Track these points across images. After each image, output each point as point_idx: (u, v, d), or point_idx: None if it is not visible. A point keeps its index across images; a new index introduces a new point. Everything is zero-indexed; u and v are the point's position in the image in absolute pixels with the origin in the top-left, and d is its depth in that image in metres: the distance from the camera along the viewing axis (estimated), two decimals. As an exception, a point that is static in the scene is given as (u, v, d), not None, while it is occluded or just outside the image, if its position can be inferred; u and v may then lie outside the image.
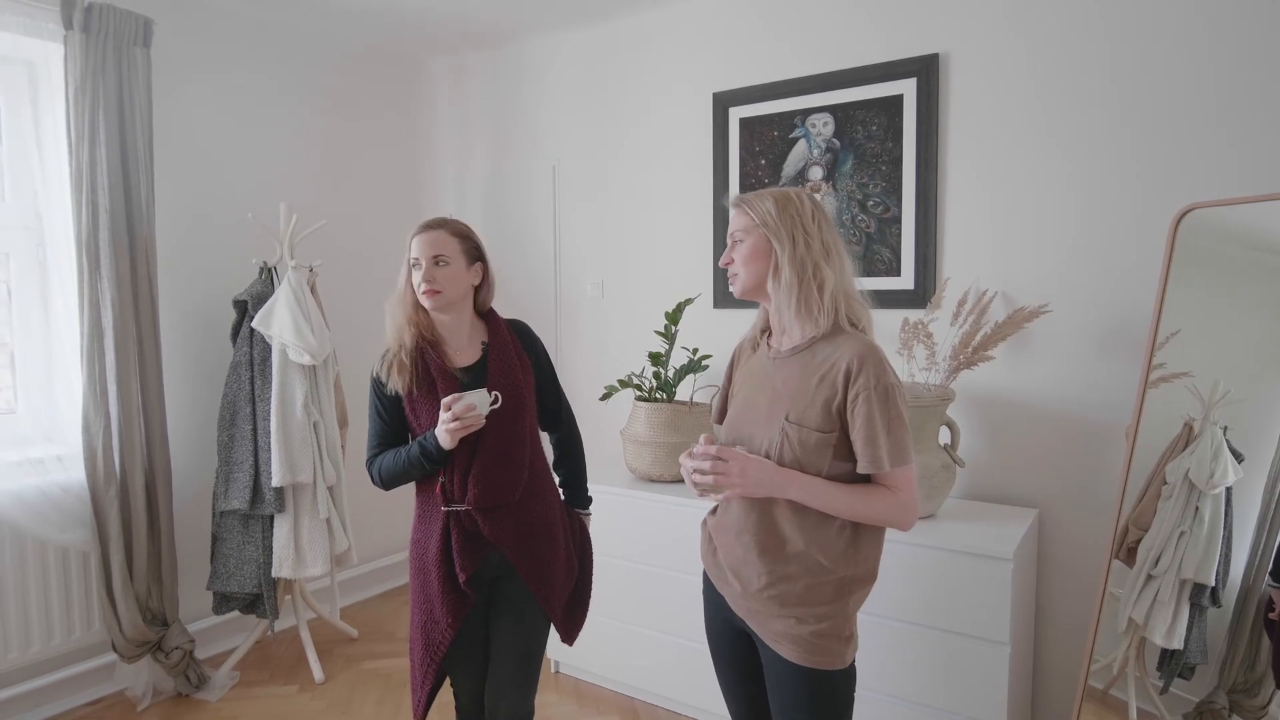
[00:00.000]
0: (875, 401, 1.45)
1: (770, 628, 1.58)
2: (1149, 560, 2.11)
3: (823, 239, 1.54)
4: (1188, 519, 2.07)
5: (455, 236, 1.86)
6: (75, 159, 2.70)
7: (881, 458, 1.46)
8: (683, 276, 3.32)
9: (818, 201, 1.60)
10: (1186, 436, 2.11)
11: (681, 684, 2.77)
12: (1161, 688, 2.07)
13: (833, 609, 1.54)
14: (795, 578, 1.54)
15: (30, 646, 2.72)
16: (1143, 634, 2.10)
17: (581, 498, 2.13)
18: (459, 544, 1.82)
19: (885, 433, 1.46)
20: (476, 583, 1.88)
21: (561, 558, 1.96)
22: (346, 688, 3.06)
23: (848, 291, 1.57)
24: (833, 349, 1.52)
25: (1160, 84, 2.35)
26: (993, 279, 2.63)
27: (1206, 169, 2.29)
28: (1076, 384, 2.52)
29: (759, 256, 1.57)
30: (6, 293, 2.80)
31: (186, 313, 3.19)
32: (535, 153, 3.75)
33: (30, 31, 2.66)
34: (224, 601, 3.06)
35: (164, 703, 2.92)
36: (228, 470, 3.01)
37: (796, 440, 1.51)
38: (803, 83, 2.95)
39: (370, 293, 3.83)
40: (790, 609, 1.54)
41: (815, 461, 1.50)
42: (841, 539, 1.53)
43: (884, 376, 1.47)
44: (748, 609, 1.62)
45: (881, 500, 1.50)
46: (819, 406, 1.50)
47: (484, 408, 1.76)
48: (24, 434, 2.76)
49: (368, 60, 3.87)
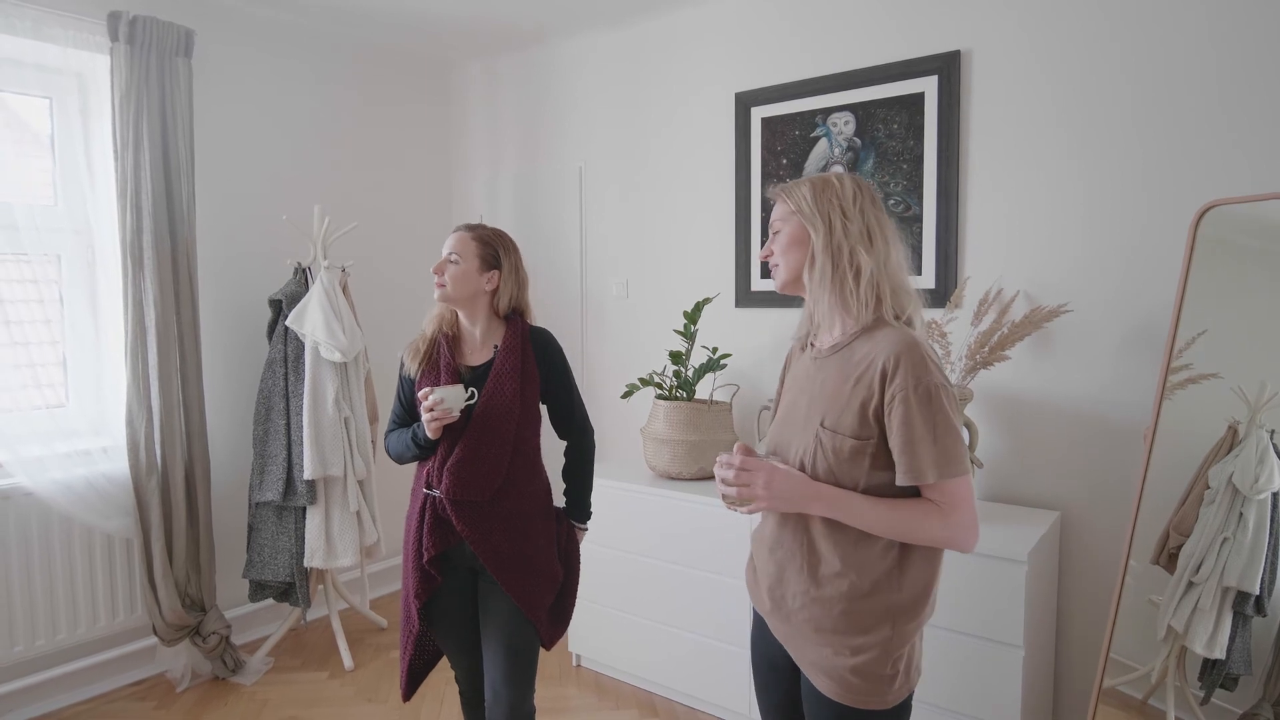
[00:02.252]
0: (915, 404, 1.29)
1: (806, 656, 1.44)
2: (1190, 567, 2.05)
3: (865, 223, 1.40)
4: (1231, 525, 2.01)
5: (476, 240, 1.96)
6: (121, 165, 2.84)
7: (923, 468, 1.30)
8: (706, 275, 3.34)
9: (864, 184, 1.46)
10: (1230, 440, 2.06)
11: (699, 680, 2.80)
12: (1203, 698, 2.02)
13: (874, 639, 1.36)
14: (832, 602, 1.38)
15: (77, 628, 2.86)
16: (1183, 643, 2.05)
17: (580, 511, 2.14)
18: (429, 526, 1.91)
19: (930, 439, 1.29)
20: (453, 568, 1.97)
21: (540, 561, 1.96)
22: (375, 675, 3.15)
23: (894, 281, 1.41)
24: (871, 346, 1.37)
25: (1181, 81, 2.30)
26: (1014, 278, 2.60)
27: (1228, 166, 2.24)
28: (1100, 385, 2.47)
29: (797, 245, 1.45)
30: (58, 294, 2.94)
31: (225, 311, 3.32)
32: (562, 154, 3.80)
33: (79, 44, 2.80)
34: (259, 589, 3.18)
35: (202, 685, 3.05)
36: (262, 463, 3.12)
37: (830, 448, 1.37)
38: (824, 82, 2.94)
39: (400, 292, 3.93)
40: (826, 636, 1.39)
41: (850, 471, 1.36)
42: (886, 560, 1.37)
43: (926, 376, 1.30)
44: (784, 633, 1.48)
45: (926, 517, 1.32)
46: (855, 410, 1.35)
47: (456, 403, 1.83)
48: (73, 427, 2.89)
49: (400, 65, 3.97)
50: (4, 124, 2.78)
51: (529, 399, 1.96)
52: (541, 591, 1.96)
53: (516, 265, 2.01)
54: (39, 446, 2.74)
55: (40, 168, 2.90)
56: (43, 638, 2.78)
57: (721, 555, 2.69)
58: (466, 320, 1.99)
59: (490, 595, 1.95)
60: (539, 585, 1.96)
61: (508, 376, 1.92)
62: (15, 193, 2.75)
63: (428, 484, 1.93)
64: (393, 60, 3.93)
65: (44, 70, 2.80)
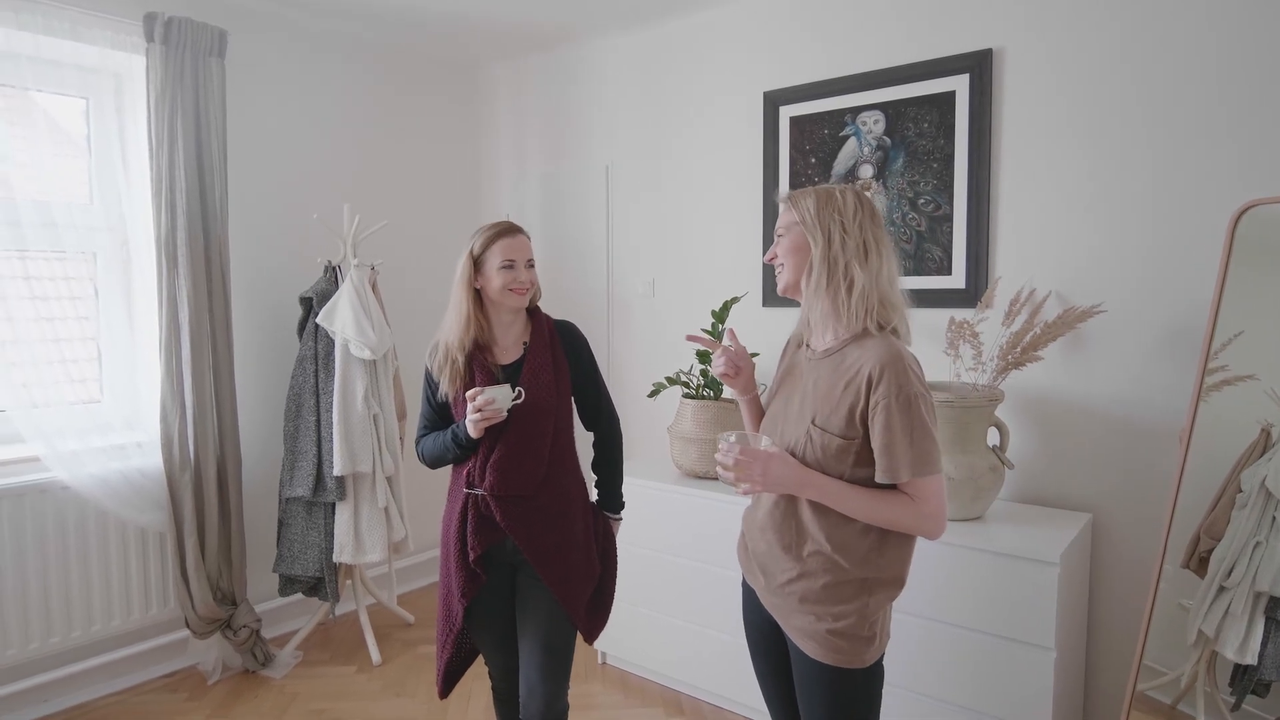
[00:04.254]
0: (895, 411, 1.44)
1: (792, 623, 1.60)
2: (1221, 571, 2.03)
3: (862, 238, 1.52)
4: (1264, 529, 1.99)
5: (528, 241, 1.98)
6: (156, 164, 2.88)
7: (898, 468, 1.45)
8: (733, 275, 3.34)
9: (865, 199, 1.57)
10: (1264, 443, 2.03)
11: (724, 678, 2.80)
12: (1233, 704, 2.00)
13: (853, 608, 1.53)
14: (815, 575, 1.55)
15: (111, 620, 2.91)
16: (1214, 648, 2.03)
17: (612, 501, 2.15)
18: (473, 525, 1.92)
19: (907, 442, 1.44)
20: (494, 565, 1.97)
21: (579, 556, 1.98)
22: (402, 670, 3.17)
23: (882, 294, 1.53)
24: (861, 353, 1.51)
25: (1216, 78, 2.27)
26: (1046, 278, 2.58)
27: (1267, 165, 2.20)
28: (1134, 386, 2.45)
29: (798, 252, 1.57)
30: (94, 290, 2.99)
31: (256, 309, 3.35)
32: (589, 153, 3.81)
33: (116, 45, 2.84)
34: (289, 584, 3.22)
35: (232, 678, 3.08)
36: (293, 459, 3.16)
37: (819, 444, 1.52)
38: (853, 80, 2.93)
39: (429, 290, 3.95)
40: (810, 606, 1.56)
41: (836, 466, 1.51)
42: (865, 541, 1.53)
43: (906, 386, 1.44)
44: (772, 603, 1.64)
45: (902, 508, 1.48)
46: (843, 413, 1.50)
47: (505, 403, 1.84)
48: (108, 422, 2.94)
49: (428, 66, 4.00)
50: (43, 124, 2.83)
51: (563, 392, 1.98)
52: (579, 585, 1.97)
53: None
54: (75, 441, 2.78)
55: (77, 167, 2.95)
56: (78, 629, 2.83)
57: (749, 554, 2.69)
58: (507, 319, 1.97)
59: (529, 591, 1.96)
60: (578, 578, 1.97)
61: (542, 371, 1.93)
62: (53, 191, 2.79)
63: (469, 482, 1.92)
64: (421, 61, 3.96)
65: (82, 70, 2.85)
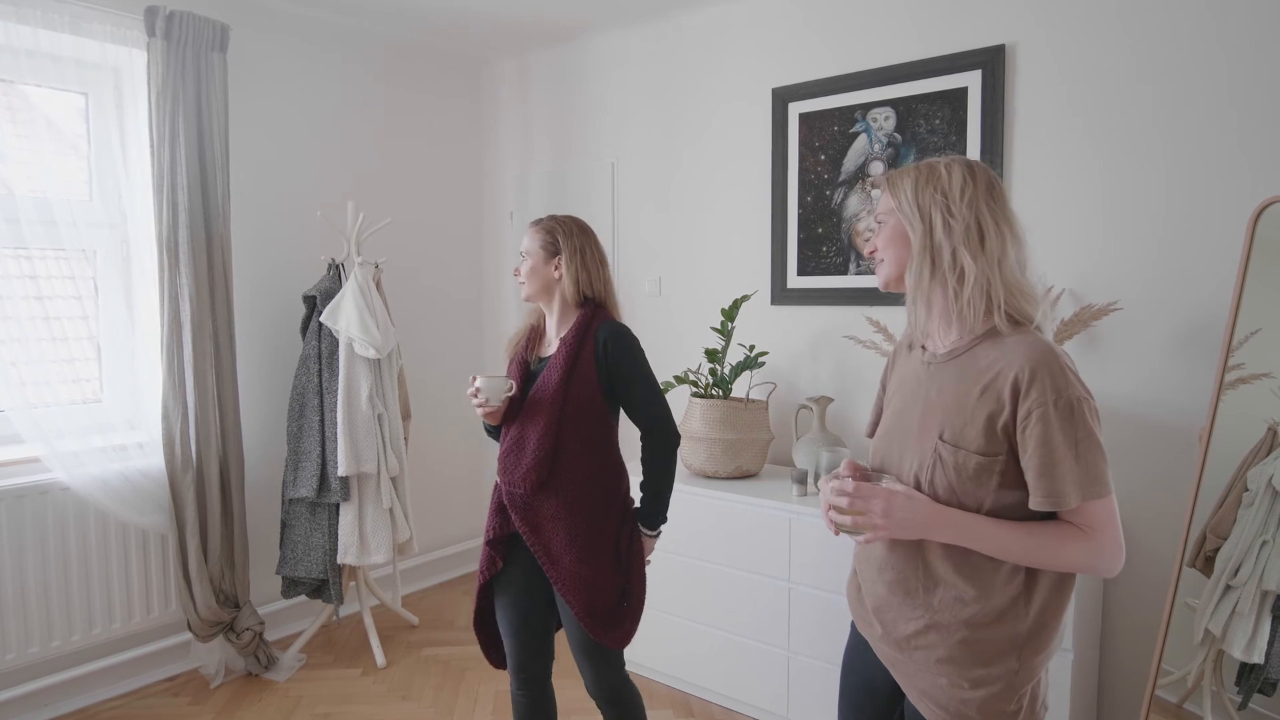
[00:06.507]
0: (1055, 420, 1.17)
1: (916, 684, 1.33)
2: (1228, 570, 2.03)
3: (974, 218, 1.26)
4: (1270, 528, 1.99)
5: (540, 232, 2.01)
6: (157, 160, 2.83)
7: (1064, 491, 1.18)
8: (741, 273, 3.31)
9: (980, 170, 1.30)
10: (1270, 441, 2.03)
11: (735, 680, 2.77)
12: (1240, 703, 1.99)
13: (998, 672, 1.25)
14: (950, 629, 1.27)
15: (113, 623, 2.87)
16: (1220, 646, 2.02)
17: (648, 516, 2.01)
18: (493, 508, 2.02)
19: (1072, 458, 1.18)
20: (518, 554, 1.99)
21: (593, 561, 1.89)
22: (407, 672, 3.14)
23: (1009, 283, 1.27)
24: (999, 353, 1.25)
25: (1229, 76, 2.25)
26: (1060, 276, 2.56)
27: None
28: (1149, 384, 2.43)
29: (897, 242, 1.34)
30: (94, 288, 2.95)
31: (259, 307, 3.32)
32: (595, 150, 3.78)
33: (117, 40, 2.80)
34: (292, 586, 3.18)
35: (235, 681, 3.05)
36: (296, 459, 3.12)
37: (952, 464, 1.25)
38: (863, 76, 2.91)
39: (434, 288, 3.92)
40: (943, 667, 1.28)
41: (974, 490, 1.24)
42: (1012, 585, 1.25)
43: (1066, 389, 1.18)
44: (891, 657, 1.37)
45: (1071, 543, 1.20)
46: (980, 424, 1.23)
47: (495, 395, 1.89)
48: (109, 422, 2.90)
49: (432, 62, 3.96)
50: (42, 120, 2.78)
51: (576, 393, 1.90)
52: (584, 590, 1.88)
53: (581, 249, 1.98)
54: (75, 441, 2.74)
55: (77, 163, 2.91)
56: (79, 633, 2.78)
57: (757, 554, 2.67)
58: (545, 312, 2.05)
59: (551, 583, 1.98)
60: (585, 584, 1.88)
61: (555, 369, 1.91)
62: (52, 188, 2.75)
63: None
64: (425, 57, 3.92)
65: (82, 66, 2.81)
